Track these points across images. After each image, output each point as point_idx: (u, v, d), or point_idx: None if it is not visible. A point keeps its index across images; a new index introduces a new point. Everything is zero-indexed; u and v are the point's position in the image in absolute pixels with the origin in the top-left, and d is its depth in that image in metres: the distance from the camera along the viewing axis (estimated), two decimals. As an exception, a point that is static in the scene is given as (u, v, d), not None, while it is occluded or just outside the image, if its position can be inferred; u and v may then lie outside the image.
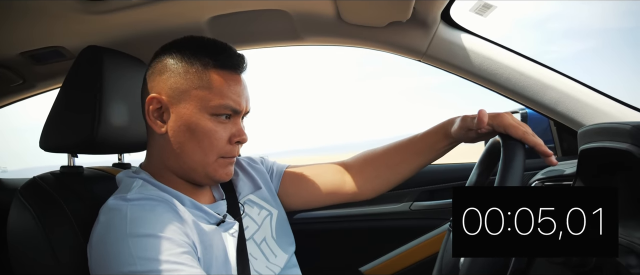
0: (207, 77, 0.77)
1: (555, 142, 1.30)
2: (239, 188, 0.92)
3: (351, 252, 1.42)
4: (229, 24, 1.12)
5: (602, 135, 0.73)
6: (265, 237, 0.90)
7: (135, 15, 1.04)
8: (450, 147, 0.93)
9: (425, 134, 0.95)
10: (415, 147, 0.95)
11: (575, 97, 1.05)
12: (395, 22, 1.07)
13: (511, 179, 0.67)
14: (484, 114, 0.80)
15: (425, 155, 0.94)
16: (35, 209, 0.80)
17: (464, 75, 1.13)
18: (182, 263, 0.66)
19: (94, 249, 0.70)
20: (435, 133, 0.93)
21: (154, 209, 0.71)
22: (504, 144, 0.75)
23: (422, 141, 0.94)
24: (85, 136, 0.85)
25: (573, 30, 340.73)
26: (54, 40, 1.13)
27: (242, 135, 0.80)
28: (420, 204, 1.40)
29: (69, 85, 0.90)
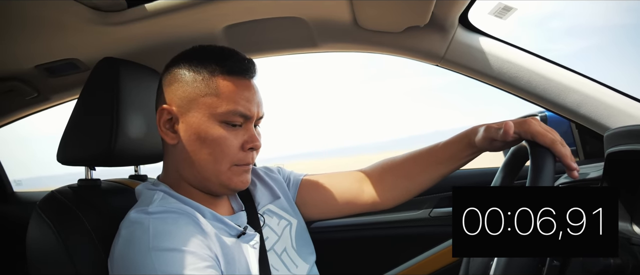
0: (214, 84, 0.76)
1: (577, 145, 1.27)
2: (258, 198, 0.91)
3: (371, 260, 1.40)
4: (245, 32, 1.11)
5: (630, 138, 0.72)
6: (286, 248, 0.88)
7: (151, 26, 1.03)
8: (473, 157, 0.91)
9: (447, 143, 0.92)
10: (437, 157, 0.93)
11: (599, 99, 1.02)
12: (413, 27, 1.06)
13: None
14: (510, 126, 0.76)
15: (446, 165, 0.92)
16: (54, 223, 0.79)
17: (483, 79, 1.11)
18: None
19: (116, 263, 0.69)
20: (458, 143, 0.90)
21: (177, 221, 0.70)
22: (532, 151, 0.73)
23: (444, 151, 0.92)
24: (103, 148, 0.84)
25: (575, 28, 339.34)
26: (69, 52, 1.13)
27: (255, 142, 0.78)
28: (440, 211, 1.38)
29: (85, 98, 0.89)
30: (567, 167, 0.72)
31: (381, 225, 1.40)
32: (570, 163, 0.71)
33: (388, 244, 1.39)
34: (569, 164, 0.72)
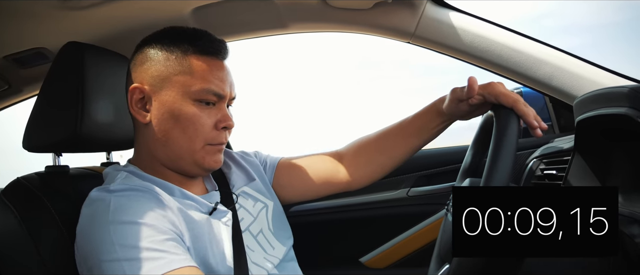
0: (187, 63, 0.76)
1: (552, 119, 1.28)
2: (232, 180, 0.91)
3: (350, 242, 1.40)
4: (213, 14, 1.10)
5: (598, 103, 0.71)
6: (262, 229, 0.88)
7: (116, 10, 1.02)
8: (444, 126, 0.91)
9: (417, 114, 0.93)
10: (408, 129, 0.93)
11: (570, 71, 1.02)
12: (381, 3, 1.05)
13: (505, 149, 0.65)
14: (474, 81, 0.78)
15: (419, 136, 0.92)
16: (18, 210, 0.78)
17: (454, 54, 1.10)
18: (165, 250, 0.63)
19: (78, 243, 0.69)
20: (427, 112, 0.91)
21: (138, 198, 0.69)
22: (496, 114, 0.74)
23: (415, 122, 0.93)
24: (69, 133, 0.83)
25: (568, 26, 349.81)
26: (35, 41, 1.11)
27: (228, 121, 0.79)
28: (418, 189, 1.37)
29: (50, 83, 0.88)
30: (529, 126, 0.73)
31: (359, 206, 1.39)
32: (532, 121, 0.72)
33: (367, 225, 1.39)
34: (531, 122, 0.72)
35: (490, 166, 0.66)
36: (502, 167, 0.65)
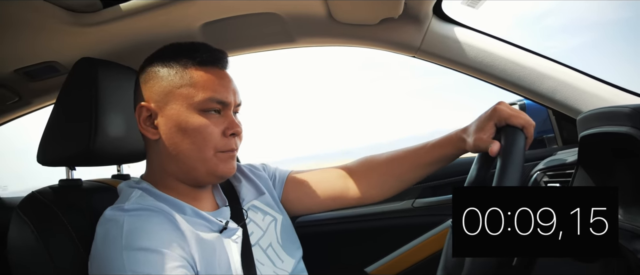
0: (188, 75, 0.78)
1: (555, 131, 1.29)
2: (242, 194, 0.92)
3: (356, 252, 1.41)
4: (222, 29, 1.12)
5: (601, 121, 0.73)
6: (271, 243, 0.89)
7: (127, 25, 1.04)
8: (459, 155, 0.92)
9: (434, 146, 0.92)
10: (425, 159, 0.93)
11: (573, 85, 1.04)
12: (388, 19, 1.07)
13: (512, 166, 0.66)
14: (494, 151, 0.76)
15: (434, 165, 0.93)
16: (34, 224, 0.79)
17: (459, 68, 1.12)
18: None
19: (92, 262, 0.70)
20: (445, 146, 0.90)
21: (150, 219, 0.71)
22: (503, 130, 0.75)
23: (431, 154, 0.92)
24: (82, 148, 0.85)
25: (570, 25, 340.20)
26: (47, 55, 1.13)
27: (235, 127, 0.80)
28: (423, 200, 1.38)
29: (64, 98, 0.89)
30: None
31: (365, 217, 1.41)
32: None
33: (372, 235, 1.40)
34: None
35: (499, 183, 0.67)
36: (510, 184, 0.66)
